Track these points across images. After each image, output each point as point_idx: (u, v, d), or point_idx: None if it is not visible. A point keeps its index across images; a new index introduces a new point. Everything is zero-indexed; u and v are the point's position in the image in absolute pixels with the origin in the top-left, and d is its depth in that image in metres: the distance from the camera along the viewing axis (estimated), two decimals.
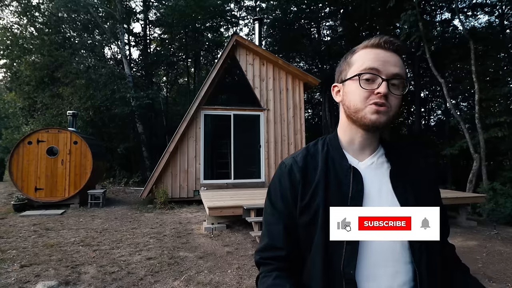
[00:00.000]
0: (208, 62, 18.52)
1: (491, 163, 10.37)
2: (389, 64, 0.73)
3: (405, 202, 0.73)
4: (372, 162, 0.80)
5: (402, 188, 0.75)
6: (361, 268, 0.69)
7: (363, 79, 0.74)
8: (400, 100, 0.75)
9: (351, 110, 0.76)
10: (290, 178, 0.79)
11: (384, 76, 0.72)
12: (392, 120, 0.74)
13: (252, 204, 5.10)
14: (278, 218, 0.78)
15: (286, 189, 0.79)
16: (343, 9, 15.38)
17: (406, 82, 0.75)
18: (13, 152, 7.32)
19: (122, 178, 12.34)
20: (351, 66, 0.78)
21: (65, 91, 12.57)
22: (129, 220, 6.17)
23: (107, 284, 3.17)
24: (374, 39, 0.77)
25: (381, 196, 0.75)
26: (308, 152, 0.83)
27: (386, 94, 0.71)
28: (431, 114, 17.67)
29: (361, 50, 0.78)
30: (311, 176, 0.78)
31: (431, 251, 0.72)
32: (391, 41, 0.75)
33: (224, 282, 3.27)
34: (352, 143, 0.81)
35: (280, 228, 0.77)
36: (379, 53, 0.75)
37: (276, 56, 8.94)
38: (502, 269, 3.78)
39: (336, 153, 0.80)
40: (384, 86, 0.71)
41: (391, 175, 0.77)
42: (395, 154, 0.82)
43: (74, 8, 13.11)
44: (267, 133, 8.43)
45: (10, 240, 4.70)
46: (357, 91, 0.75)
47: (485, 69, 10.51)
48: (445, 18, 13.38)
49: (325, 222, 0.71)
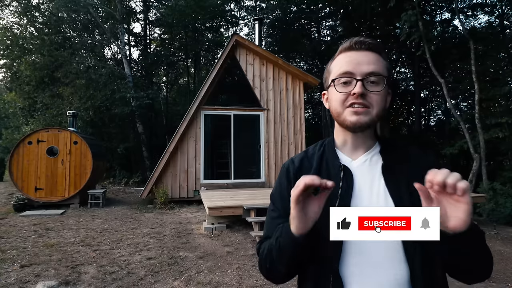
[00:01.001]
0: (208, 62, 18.51)
1: (491, 163, 10.37)
2: (363, 63, 0.75)
3: (398, 197, 0.73)
4: (365, 159, 0.81)
5: (395, 183, 0.75)
6: (349, 265, 0.71)
7: (340, 84, 0.77)
8: (381, 95, 0.75)
9: (334, 114, 0.80)
10: (287, 176, 0.86)
11: (359, 76, 0.74)
12: (377, 117, 0.76)
13: (252, 204, 5.10)
14: (276, 213, 0.85)
15: (283, 187, 0.85)
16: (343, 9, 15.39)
17: (386, 77, 0.76)
18: (13, 152, 7.33)
19: (122, 178, 12.34)
20: (330, 73, 0.82)
21: (65, 91, 12.58)
22: (129, 220, 6.18)
23: (107, 284, 3.17)
24: (346, 42, 0.80)
25: (372, 192, 0.76)
26: (306, 154, 0.89)
27: (362, 93, 0.73)
28: (431, 114, 17.68)
29: (337, 56, 0.81)
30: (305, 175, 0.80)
31: (426, 248, 0.71)
32: (361, 41, 0.77)
33: (224, 282, 3.27)
34: (345, 143, 0.84)
35: (278, 222, 0.81)
36: (352, 55, 0.77)
37: (276, 56, 8.94)
38: (502, 269, 3.78)
39: (330, 153, 0.84)
40: (359, 86, 0.73)
41: (383, 170, 0.77)
42: (390, 151, 0.82)
43: (74, 8, 13.10)
44: (267, 133, 8.43)
45: (10, 240, 4.70)
46: (335, 96, 0.78)
47: (485, 69, 10.50)
48: (445, 18, 13.38)
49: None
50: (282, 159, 8.43)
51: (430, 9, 13.04)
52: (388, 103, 0.80)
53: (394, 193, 0.74)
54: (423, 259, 0.70)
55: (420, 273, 0.69)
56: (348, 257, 0.72)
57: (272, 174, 8.32)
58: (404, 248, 0.70)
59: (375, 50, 0.78)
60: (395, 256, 0.71)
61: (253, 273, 3.49)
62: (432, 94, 16.72)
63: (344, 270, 0.71)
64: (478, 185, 7.88)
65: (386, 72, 0.77)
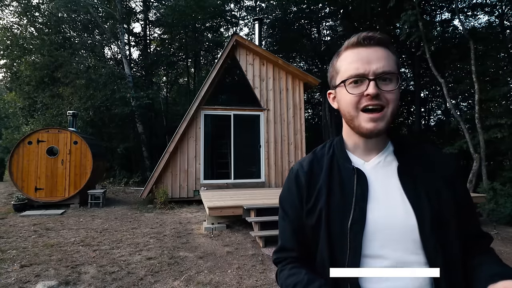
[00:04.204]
0: (208, 62, 18.51)
1: (491, 163, 10.36)
2: (373, 61, 0.70)
3: (416, 199, 0.70)
4: (379, 161, 0.77)
5: (412, 184, 0.72)
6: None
7: (350, 84, 0.72)
8: (395, 94, 0.71)
9: (347, 117, 0.75)
10: (297, 183, 0.81)
11: (371, 75, 0.69)
12: (392, 117, 0.72)
13: (252, 204, 5.10)
14: (288, 222, 0.82)
15: (293, 194, 0.81)
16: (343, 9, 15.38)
17: (399, 75, 0.71)
18: (13, 152, 7.32)
19: (122, 178, 12.35)
20: (338, 71, 0.76)
21: (65, 91, 12.58)
22: (129, 220, 6.18)
23: (107, 284, 3.17)
24: (353, 37, 0.74)
25: (389, 195, 0.72)
26: (315, 156, 0.84)
27: (377, 93, 0.69)
28: (431, 114, 17.67)
29: (344, 52, 0.76)
30: (316, 180, 0.78)
31: (448, 251, 0.68)
32: (370, 37, 0.72)
33: (224, 282, 3.27)
34: (357, 146, 0.79)
35: (290, 231, 0.81)
36: (361, 52, 0.72)
37: (276, 56, 8.94)
38: None
39: (341, 156, 0.79)
40: (372, 86, 0.69)
41: (399, 171, 0.74)
42: (404, 150, 0.78)
43: (74, 8, 13.11)
44: (267, 133, 8.43)
45: (10, 240, 4.70)
46: (347, 97, 0.73)
47: (485, 69, 10.48)
48: (445, 18, 13.38)
49: (328, 226, 0.72)
50: (282, 159, 8.43)
51: (430, 9, 13.04)
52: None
53: (411, 195, 0.71)
54: (446, 262, 0.67)
55: (444, 277, 0.66)
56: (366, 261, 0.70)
57: (272, 174, 8.32)
58: (424, 250, 0.68)
59: (384, 45, 0.73)
60: (414, 259, 0.69)
61: (253, 273, 3.49)
62: (432, 94, 16.72)
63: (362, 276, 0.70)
64: (478, 185, 7.88)
65: (397, 68, 0.73)
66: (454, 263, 0.69)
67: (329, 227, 0.72)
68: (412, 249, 0.68)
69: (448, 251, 0.68)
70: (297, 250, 0.80)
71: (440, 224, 0.68)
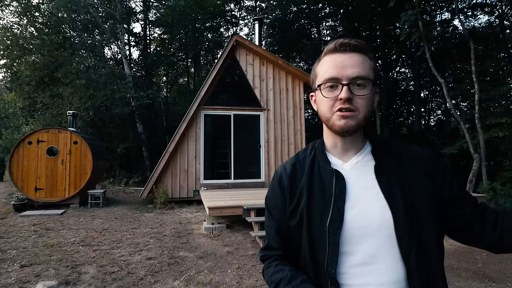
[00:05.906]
0: (208, 62, 18.52)
1: (491, 163, 10.37)
2: (348, 67, 0.74)
3: (391, 195, 0.73)
4: (357, 161, 0.80)
5: (387, 181, 0.75)
6: (346, 267, 0.73)
7: (326, 88, 0.76)
8: (367, 98, 0.74)
9: (324, 119, 0.79)
10: (280, 185, 0.86)
11: (344, 80, 0.73)
12: (364, 120, 0.75)
13: (252, 204, 5.10)
14: (273, 222, 0.86)
15: (277, 196, 0.86)
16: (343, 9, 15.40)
17: (372, 80, 0.75)
18: (13, 152, 7.32)
19: (122, 178, 12.35)
20: (317, 75, 0.80)
21: (65, 91, 12.57)
22: (129, 220, 6.18)
23: (107, 284, 3.17)
24: (331, 44, 0.78)
25: (366, 193, 0.75)
26: (297, 159, 0.88)
27: (349, 98, 0.72)
28: (431, 114, 17.67)
29: (323, 58, 0.80)
30: (298, 182, 0.83)
31: (422, 247, 0.71)
32: (346, 43, 0.75)
33: (224, 282, 3.27)
34: (335, 146, 0.83)
35: (275, 231, 0.86)
36: (337, 58, 0.76)
37: (276, 56, 8.94)
38: (502, 269, 3.78)
39: (321, 157, 0.83)
40: (345, 91, 0.72)
41: (375, 170, 0.77)
42: (382, 149, 0.81)
43: (74, 8, 13.10)
44: (267, 133, 8.43)
45: (10, 240, 4.70)
46: (323, 101, 0.77)
47: (485, 69, 10.49)
48: (445, 18, 13.39)
49: (309, 226, 0.76)
50: (282, 159, 8.43)
51: (430, 9, 13.04)
52: (376, 102, 0.79)
53: (386, 192, 0.74)
54: (419, 256, 0.70)
55: (417, 272, 0.69)
56: (344, 258, 0.73)
57: (272, 174, 8.31)
58: (399, 246, 0.71)
59: (360, 51, 0.76)
60: (390, 254, 0.71)
61: (253, 273, 3.49)
62: (432, 94, 16.73)
63: (341, 273, 0.73)
64: (478, 185, 7.88)
65: (372, 73, 0.76)
66: (429, 253, 0.72)
67: (310, 226, 0.76)
68: (388, 244, 0.71)
69: (421, 243, 0.71)
70: (281, 248, 0.85)
71: (414, 215, 0.72)
